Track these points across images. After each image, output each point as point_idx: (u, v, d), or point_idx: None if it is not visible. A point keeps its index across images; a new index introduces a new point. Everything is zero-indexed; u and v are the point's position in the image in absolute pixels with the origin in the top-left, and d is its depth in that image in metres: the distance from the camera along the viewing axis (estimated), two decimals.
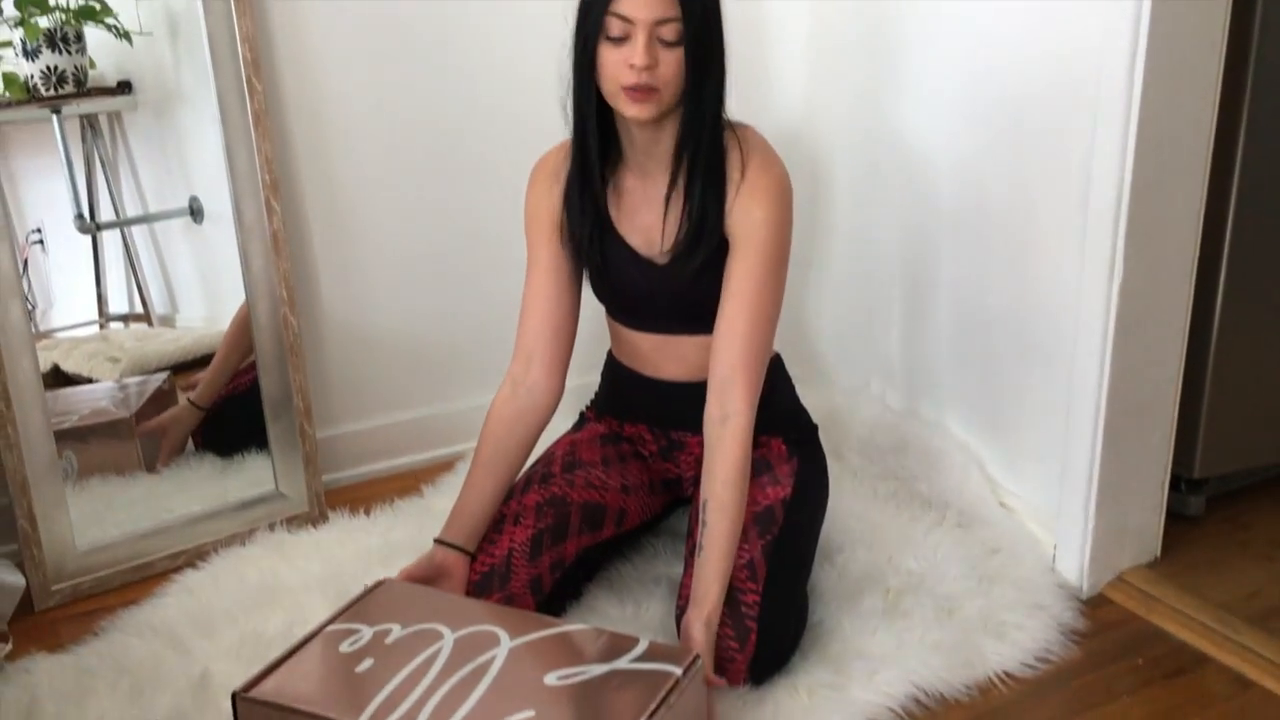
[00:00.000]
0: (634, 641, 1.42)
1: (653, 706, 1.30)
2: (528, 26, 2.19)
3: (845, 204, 2.23)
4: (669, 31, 1.50)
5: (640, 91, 1.52)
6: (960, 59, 1.88)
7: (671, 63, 1.52)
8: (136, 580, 1.92)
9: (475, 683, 1.36)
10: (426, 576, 1.63)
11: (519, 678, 1.36)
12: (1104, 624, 1.75)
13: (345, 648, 1.43)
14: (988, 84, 1.84)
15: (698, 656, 1.40)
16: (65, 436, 1.92)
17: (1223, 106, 1.67)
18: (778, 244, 1.62)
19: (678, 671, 1.36)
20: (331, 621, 1.48)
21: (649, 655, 1.39)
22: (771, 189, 1.61)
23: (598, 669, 1.37)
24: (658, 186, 1.65)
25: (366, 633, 1.45)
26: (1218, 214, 1.78)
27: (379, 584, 1.57)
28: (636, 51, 1.50)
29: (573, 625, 1.47)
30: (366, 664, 1.40)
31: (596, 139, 1.63)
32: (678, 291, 1.67)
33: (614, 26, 1.51)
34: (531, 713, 1.30)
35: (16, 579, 1.75)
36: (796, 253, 1.68)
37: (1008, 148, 1.83)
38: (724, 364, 1.61)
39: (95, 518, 1.96)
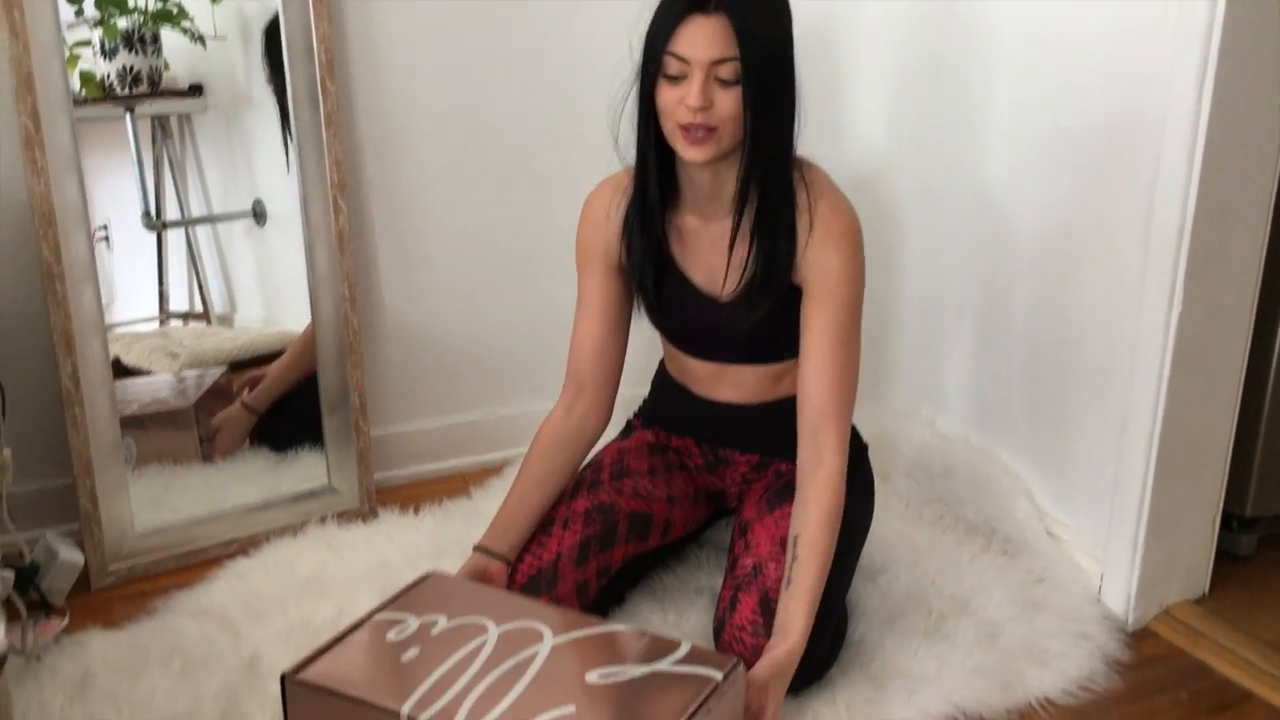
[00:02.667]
0: (676, 645, 1.43)
1: (691, 708, 1.31)
2: (597, 39, 2.22)
3: (908, 232, 2.24)
4: (727, 71, 1.47)
5: (696, 133, 1.50)
6: (1026, 85, 1.89)
7: (729, 103, 1.48)
8: (190, 564, 1.96)
9: (518, 677, 1.37)
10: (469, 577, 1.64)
11: (560, 674, 1.38)
12: (1148, 657, 1.73)
13: (392, 636, 1.45)
14: (1052, 110, 1.85)
15: (739, 662, 1.40)
16: (125, 424, 1.96)
17: None
18: (856, 289, 1.61)
19: (718, 676, 1.37)
20: (380, 610, 1.51)
21: (690, 659, 1.40)
22: (846, 234, 1.58)
23: (638, 670, 1.38)
24: (721, 227, 1.63)
25: (413, 623, 1.47)
26: None
27: (427, 576, 1.59)
28: (691, 91, 1.47)
29: (616, 626, 1.48)
30: (412, 653, 1.42)
31: (657, 179, 1.61)
32: (739, 331, 1.66)
33: (672, 65, 1.49)
34: (571, 709, 1.32)
35: (76, 556, 1.79)
36: None
37: (1070, 176, 1.83)
38: (814, 410, 1.60)
39: (152, 503, 2.00)
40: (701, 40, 1.46)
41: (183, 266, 2.21)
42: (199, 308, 2.24)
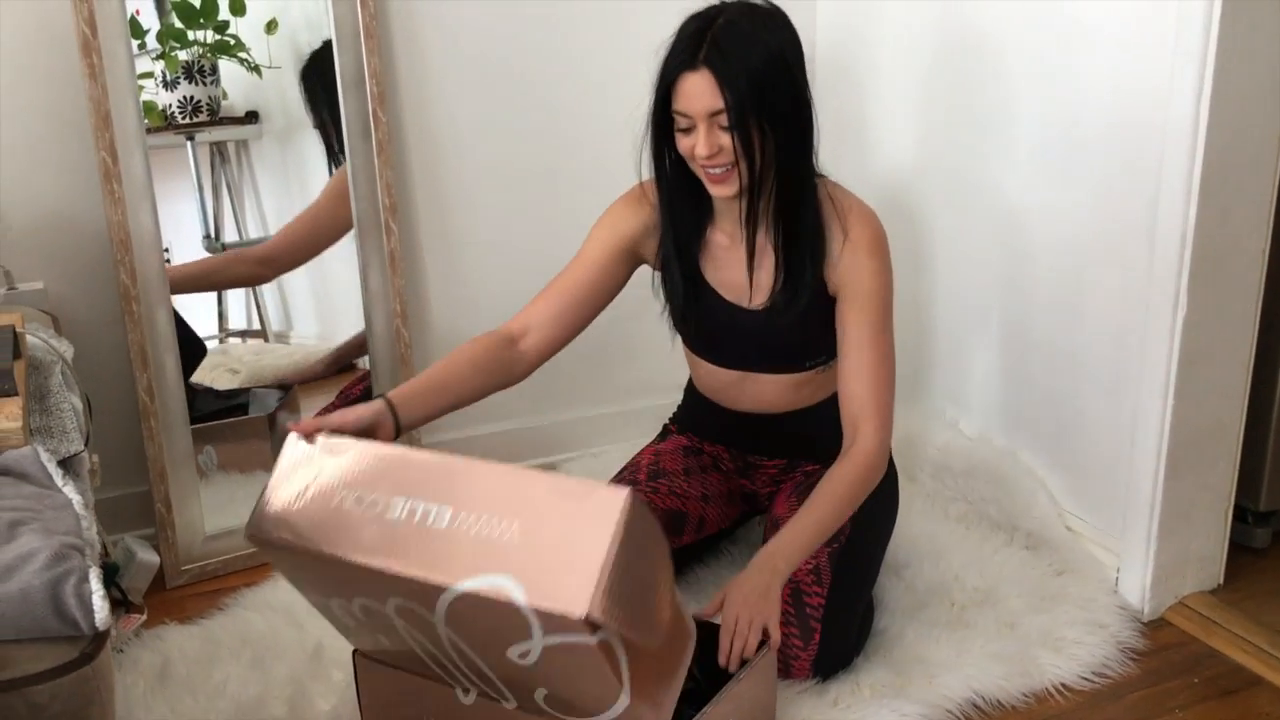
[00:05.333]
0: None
1: None
2: (629, 69, 2.33)
3: (933, 245, 2.33)
4: (723, 119, 1.55)
5: (716, 171, 1.60)
6: (1040, 102, 1.98)
7: (734, 145, 1.57)
8: (256, 565, 2.09)
9: None
10: (364, 423, 1.48)
11: None
12: (1163, 644, 1.81)
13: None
14: (1063, 125, 1.93)
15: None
16: (205, 434, 2.12)
17: None
18: (886, 291, 1.70)
19: None
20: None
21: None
22: (874, 241, 1.68)
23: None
24: (762, 242, 1.70)
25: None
26: None
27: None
28: (699, 143, 1.57)
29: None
30: None
31: (689, 208, 1.70)
32: (766, 336, 1.75)
33: (679, 119, 1.59)
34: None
35: (152, 557, 1.91)
36: None
37: (1080, 187, 1.92)
38: (853, 404, 1.69)
39: (220, 509, 2.12)
40: (694, 94, 1.55)
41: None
42: (256, 325, 2.36)
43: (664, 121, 1.62)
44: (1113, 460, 1.92)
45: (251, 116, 2.21)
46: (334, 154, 2.21)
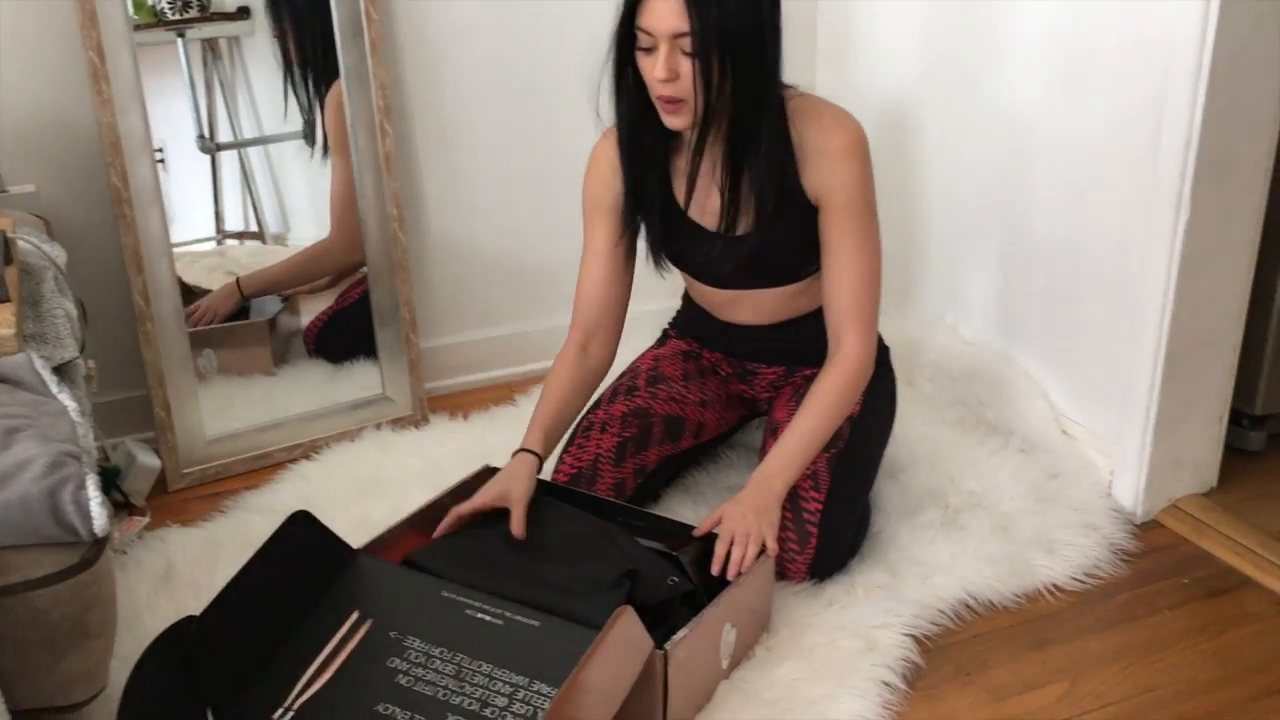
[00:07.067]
0: None
1: None
2: None
3: (932, 149, 2.30)
4: (686, 43, 1.50)
5: (669, 103, 1.56)
6: (1041, 3, 1.94)
7: (692, 73, 1.52)
8: (257, 468, 2.12)
9: None
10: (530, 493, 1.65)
11: None
12: (1154, 546, 1.83)
13: None
14: (1068, 26, 1.89)
15: None
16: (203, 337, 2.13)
17: None
18: (866, 196, 1.67)
19: None
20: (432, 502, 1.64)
21: None
22: (849, 147, 1.64)
23: None
24: (719, 171, 1.67)
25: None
26: None
27: (481, 471, 1.72)
28: (658, 64, 1.52)
29: None
30: None
31: (651, 136, 1.65)
32: (755, 259, 1.72)
33: (642, 37, 1.54)
34: None
35: (153, 460, 1.94)
36: (882, 190, 1.73)
37: (1083, 85, 1.88)
38: (836, 314, 1.70)
39: (220, 412, 2.14)
40: (661, 13, 1.49)
41: (237, 187, 2.30)
42: (254, 227, 2.34)
43: (627, 39, 1.57)
44: (1110, 364, 1.92)
45: (243, 12, 2.16)
46: (290, 67, 2.17)
